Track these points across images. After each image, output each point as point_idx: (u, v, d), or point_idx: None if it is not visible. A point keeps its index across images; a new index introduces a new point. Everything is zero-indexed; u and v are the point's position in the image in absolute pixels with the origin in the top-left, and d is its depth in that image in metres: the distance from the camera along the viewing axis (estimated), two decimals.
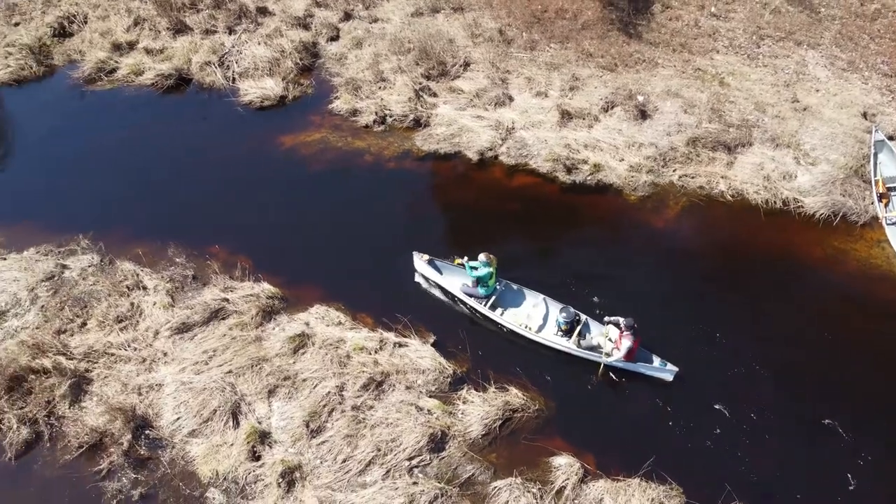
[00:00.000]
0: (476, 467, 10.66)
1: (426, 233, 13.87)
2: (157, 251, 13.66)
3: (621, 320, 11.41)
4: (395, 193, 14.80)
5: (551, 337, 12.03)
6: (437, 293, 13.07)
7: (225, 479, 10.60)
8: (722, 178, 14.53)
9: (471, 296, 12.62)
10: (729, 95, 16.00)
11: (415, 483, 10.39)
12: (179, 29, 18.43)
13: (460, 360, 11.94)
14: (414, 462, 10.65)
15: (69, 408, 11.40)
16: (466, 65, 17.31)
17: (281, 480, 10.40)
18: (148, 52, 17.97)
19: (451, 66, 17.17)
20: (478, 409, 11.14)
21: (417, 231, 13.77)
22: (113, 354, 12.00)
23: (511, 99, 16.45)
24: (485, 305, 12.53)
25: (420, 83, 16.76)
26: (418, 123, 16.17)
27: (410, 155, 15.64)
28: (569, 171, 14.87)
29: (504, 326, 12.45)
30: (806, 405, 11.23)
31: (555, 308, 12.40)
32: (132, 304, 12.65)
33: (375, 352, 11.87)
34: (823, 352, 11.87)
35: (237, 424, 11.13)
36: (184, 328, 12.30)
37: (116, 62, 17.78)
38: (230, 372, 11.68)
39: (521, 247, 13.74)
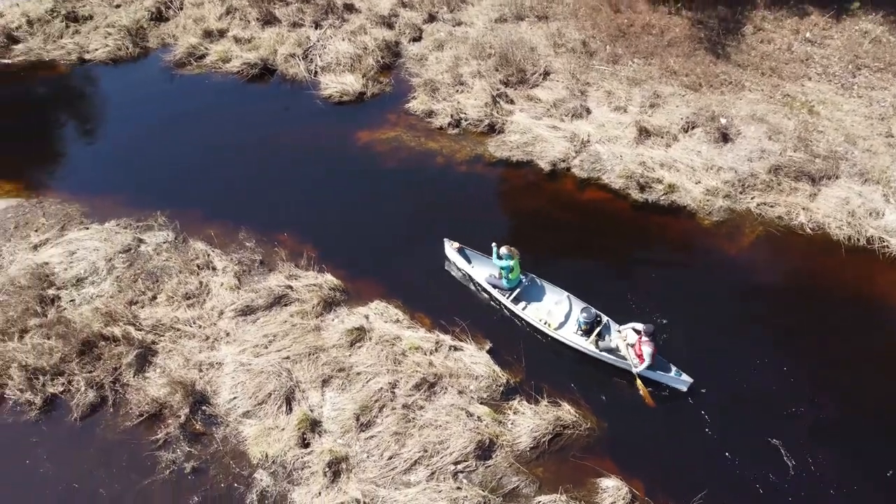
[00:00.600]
0: (521, 479, 10.53)
1: (491, 237, 13.81)
2: (229, 234, 14.05)
3: (641, 326, 11.38)
4: (463, 197, 14.80)
5: (570, 335, 12.05)
6: (497, 302, 13.00)
7: (273, 462, 10.76)
8: (803, 209, 13.98)
9: (495, 286, 12.76)
10: (818, 125, 15.39)
11: (458, 488, 10.33)
12: (268, 20, 18.97)
13: (515, 370, 11.84)
14: (459, 467, 10.60)
15: (134, 376, 11.80)
16: (546, 74, 17.20)
17: (327, 469, 10.50)
18: (237, 40, 18.54)
19: (530, 75, 17.09)
20: (528, 421, 11.02)
21: (483, 235, 13.66)
22: (178, 329, 12.37)
23: (589, 111, 16.25)
24: (508, 298, 12.60)
25: (498, 89, 16.74)
26: (493, 129, 16.15)
27: (482, 160, 15.62)
28: (642, 189, 14.58)
29: (524, 320, 12.49)
30: (871, 453, 10.66)
31: (577, 307, 12.38)
32: (201, 282, 13.03)
33: (430, 353, 11.88)
34: None
35: (290, 410, 11.32)
36: (247, 311, 12.59)
37: (206, 48, 18.42)
38: (288, 358, 11.88)
39: (585, 260, 13.57)
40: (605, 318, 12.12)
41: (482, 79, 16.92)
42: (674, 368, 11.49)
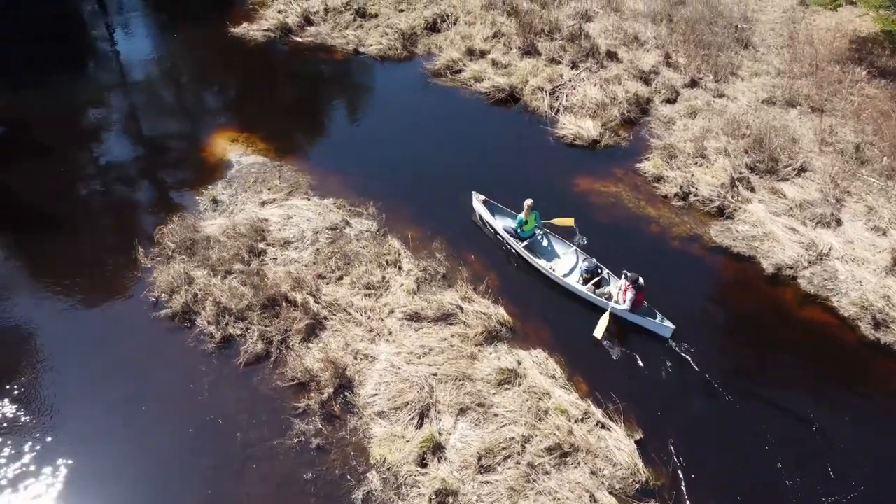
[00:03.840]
0: None
1: (684, 321, 12.68)
2: (424, 240, 14.39)
3: (629, 275, 12.60)
4: (664, 273, 13.74)
5: (572, 282, 13.45)
6: (677, 388, 11.88)
7: (388, 469, 10.74)
8: None
9: (512, 235, 14.23)
10: None
11: None
12: (529, 51, 19.33)
13: (660, 472, 10.68)
14: None
15: (299, 343, 12.50)
16: (802, 170, 15.53)
17: (434, 497, 10.25)
18: (494, 63, 19.13)
19: (782, 166, 15.54)
20: None
21: (678, 321, 12.61)
22: (350, 314, 12.89)
23: (839, 223, 14.37)
24: (522, 246, 14.07)
25: (741, 172, 15.43)
26: (721, 212, 14.91)
27: (700, 241, 14.45)
28: (877, 325, 12.52)
29: (533, 266, 13.87)
30: None
31: (581, 258, 13.93)
32: (384, 277, 13.48)
33: (576, 421, 11.13)
34: None
35: (420, 425, 11.23)
36: (415, 317, 12.77)
37: (464, 65, 19.21)
38: (435, 375, 11.83)
39: (785, 383, 11.93)
40: (604, 270, 13.50)
41: (727, 157, 15.71)
42: (659, 315, 12.56)
